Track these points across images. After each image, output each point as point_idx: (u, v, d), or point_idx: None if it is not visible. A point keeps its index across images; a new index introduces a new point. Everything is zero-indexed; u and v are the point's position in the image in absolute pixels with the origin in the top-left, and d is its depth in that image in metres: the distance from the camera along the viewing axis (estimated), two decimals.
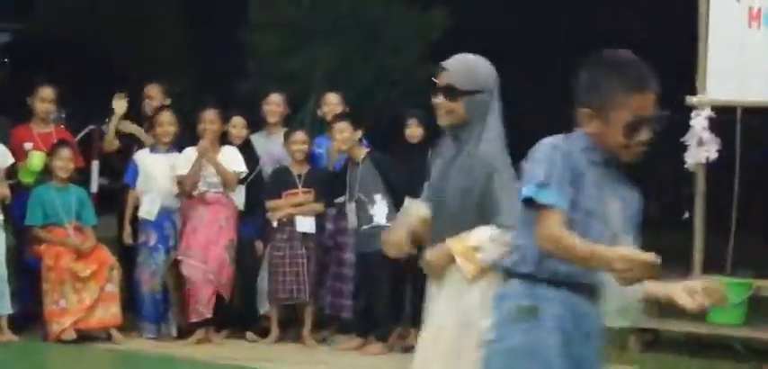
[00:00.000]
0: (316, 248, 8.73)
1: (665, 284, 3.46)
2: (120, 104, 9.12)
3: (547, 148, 3.43)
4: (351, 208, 8.53)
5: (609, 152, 3.44)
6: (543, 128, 3.88)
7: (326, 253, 8.93)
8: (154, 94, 9.33)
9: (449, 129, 4.60)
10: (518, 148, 3.91)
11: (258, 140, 9.14)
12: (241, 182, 8.74)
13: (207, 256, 8.44)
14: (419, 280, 8.66)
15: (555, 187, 3.33)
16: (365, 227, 8.47)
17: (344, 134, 8.51)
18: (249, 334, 8.81)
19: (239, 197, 8.79)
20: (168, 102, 9.25)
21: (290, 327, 8.96)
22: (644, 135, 3.42)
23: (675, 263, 10.06)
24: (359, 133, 8.60)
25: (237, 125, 8.87)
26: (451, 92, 4.55)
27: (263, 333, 8.81)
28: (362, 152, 8.61)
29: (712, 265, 9.30)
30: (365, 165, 8.55)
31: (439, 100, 4.58)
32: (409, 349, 8.59)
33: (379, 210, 8.45)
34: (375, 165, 8.55)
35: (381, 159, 8.65)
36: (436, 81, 4.61)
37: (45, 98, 8.90)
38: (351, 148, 8.55)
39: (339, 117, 8.72)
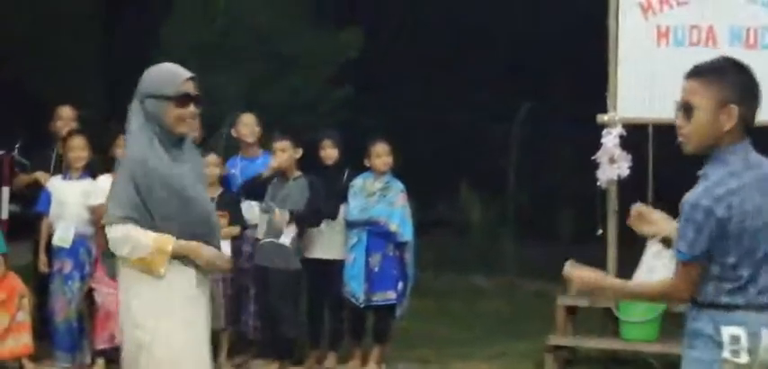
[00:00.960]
0: (232, 272, 8.65)
1: None
2: (43, 177, 8.97)
3: None
4: (263, 217, 8.53)
5: None
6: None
7: (245, 275, 8.86)
8: (65, 116, 9.19)
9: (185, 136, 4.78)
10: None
11: None
12: None
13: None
14: (336, 300, 8.72)
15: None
16: (268, 240, 8.45)
17: (286, 152, 8.55)
18: None
19: None
20: (74, 125, 9.08)
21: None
22: None
23: None
24: (299, 151, 8.61)
25: None
26: (201, 101, 4.76)
27: None
28: (296, 172, 8.61)
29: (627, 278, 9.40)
30: (295, 184, 8.54)
31: (196, 110, 4.73)
32: None
33: (289, 231, 8.44)
34: (307, 187, 8.53)
35: (315, 182, 8.62)
36: (190, 92, 4.70)
37: None
38: (288, 165, 8.56)
39: (281, 135, 8.75)
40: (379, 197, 8.70)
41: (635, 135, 9.20)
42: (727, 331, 3.72)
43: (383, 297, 8.63)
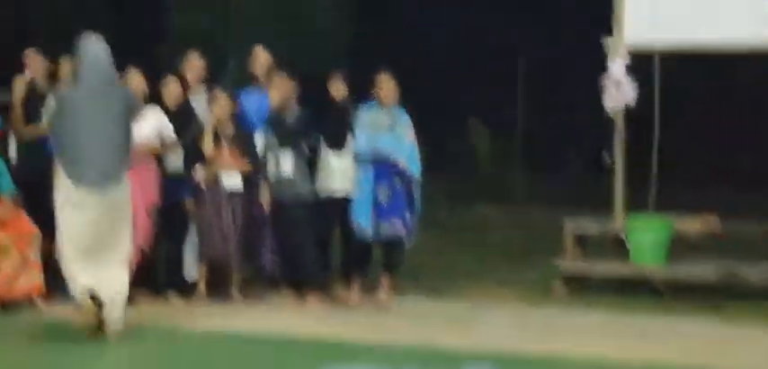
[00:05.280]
0: (244, 206, 8.70)
1: None
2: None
3: None
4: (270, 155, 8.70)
5: None
6: None
7: (258, 209, 8.88)
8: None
9: None
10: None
11: None
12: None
13: (133, 221, 8.36)
14: (345, 234, 8.76)
15: None
16: (276, 175, 8.64)
17: (284, 85, 8.74)
18: (172, 295, 8.79)
19: (177, 159, 8.78)
20: None
21: (220, 286, 8.95)
22: None
23: (599, 207, 10.23)
24: (293, 84, 8.77)
25: (172, 89, 8.87)
26: None
27: (190, 295, 8.79)
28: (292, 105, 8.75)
29: (635, 208, 9.44)
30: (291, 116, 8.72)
31: None
32: (337, 304, 8.65)
33: (287, 161, 8.58)
34: (301, 119, 8.67)
35: (307, 114, 8.70)
36: None
37: None
38: (286, 98, 8.68)
39: (276, 70, 8.92)
40: (387, 130, 8.70)
41: (642, 64, 9.20)
42: None
43: (391, 229, 8.64)
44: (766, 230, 9.55)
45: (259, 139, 8.80)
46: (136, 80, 8.61)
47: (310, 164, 8.85)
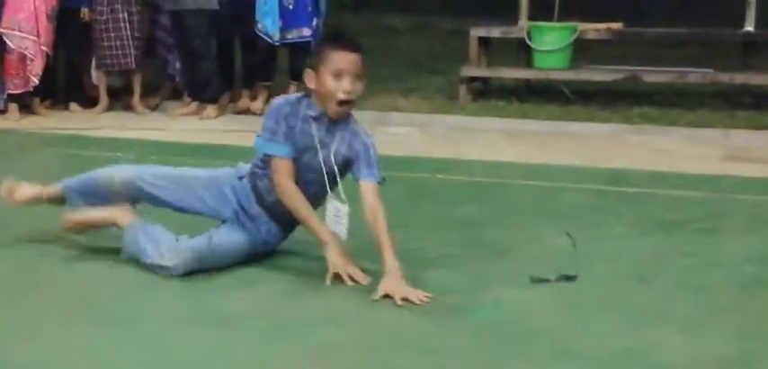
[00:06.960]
0: (140, 13, 8.52)
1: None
2: None
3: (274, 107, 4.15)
4: None
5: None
6: None
7: (159, 15, 8.71)
8: None
9: None
10: None
11: None
12: None
13: (38, 27, 8.17)
14: (248, 39, 8.64)
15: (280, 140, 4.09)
16: None
17: None
18: (72, 105, 8.69)
19: None
20: None
21: (122, 95, 8.87)
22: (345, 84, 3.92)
23: (504, 10, 10.24)
24: None
25: None
26: None
27: (91, 104, 8.69)
28: None
29: (539, 12, 9.47)
30: None
31: None
32: (242, 112, 8.61)
33: None
34: None
35: None
36: None
37: None
38: None
39: None
40: None
41: None
42: None
43: (298, 34, 8.55)
44: (668, 34, 9.69)
45: None
46: None
47: None
